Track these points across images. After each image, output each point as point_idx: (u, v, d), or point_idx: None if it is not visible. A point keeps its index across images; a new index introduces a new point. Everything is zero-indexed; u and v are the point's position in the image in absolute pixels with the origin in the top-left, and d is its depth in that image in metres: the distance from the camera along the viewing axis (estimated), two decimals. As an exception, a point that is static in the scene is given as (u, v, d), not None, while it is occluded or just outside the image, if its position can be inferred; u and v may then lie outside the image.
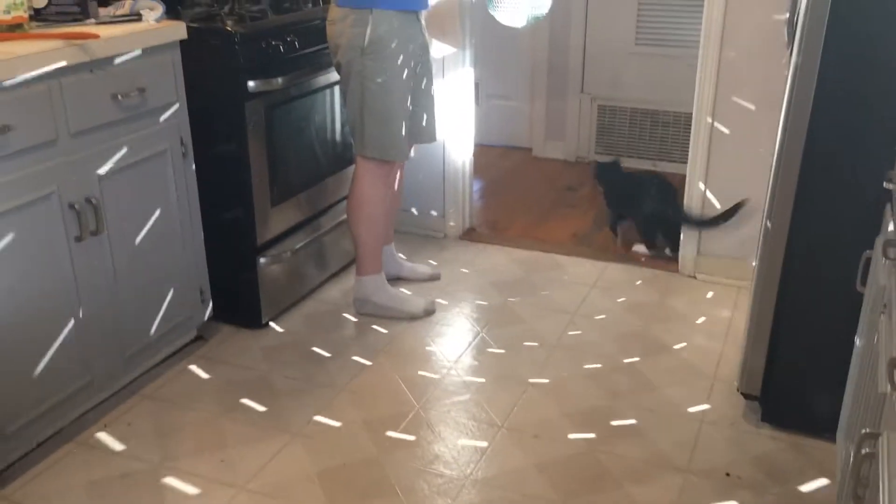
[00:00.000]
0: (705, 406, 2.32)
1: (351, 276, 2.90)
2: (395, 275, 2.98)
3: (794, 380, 2.11)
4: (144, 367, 2.42)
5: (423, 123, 2.72)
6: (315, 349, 2.61)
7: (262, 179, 2.56)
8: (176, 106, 2.31)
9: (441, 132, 3.18)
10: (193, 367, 2.50)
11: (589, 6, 4.13)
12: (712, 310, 2.85)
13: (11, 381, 1.95)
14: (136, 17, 2.24)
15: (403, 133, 2.56)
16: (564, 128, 4.35)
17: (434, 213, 3.41)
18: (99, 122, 2.07)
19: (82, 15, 2.19)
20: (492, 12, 2.43)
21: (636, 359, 2.55)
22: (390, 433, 2.20)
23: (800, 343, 2.07)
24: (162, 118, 2.27)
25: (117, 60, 2.09)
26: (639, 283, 3.05)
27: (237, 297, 2.66)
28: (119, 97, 2.10)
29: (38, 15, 2.18)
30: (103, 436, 2.18)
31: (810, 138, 1.90)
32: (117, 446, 2.15)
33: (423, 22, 2.58)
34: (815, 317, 2.03)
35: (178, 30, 2.26)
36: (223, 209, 2.55)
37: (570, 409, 2.30)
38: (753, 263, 2.17)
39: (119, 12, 2.27)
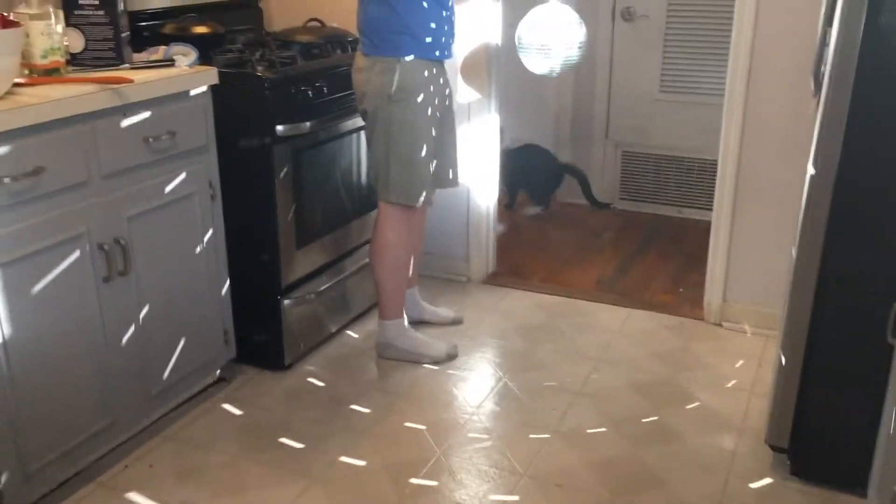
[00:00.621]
0: (732, 458, 2.27)
1: (374, 319, 2.90)
2: (417, 318, 2.97)
3: (824, 432, 2.07)
4: (167, 407, 2.42)
5: (446, 169, 2.74)
6: (337, 392, 2.60)
7: (287, 222, 2.58)
8: (206, 149, 2.34)
9: (465, 176, 3.21)
10: (215, 409, 2.50)
11: (614, 53, 4.17)
12: (738, 359, 2.81)
13: (35, 420, 1.95)
14: (169, 62, 2.29)
15: (427, 179, 2.59)
16: (589, 173, 4.36)
17: (458, 257, 3.41)
18: (130, 164, 2.11)
19: (117, 60, 2.24)
20: (524, 60, 2.46)
21: (661, 408, 2.52)
22: (412, 480, 2.17)
23: (829, 394, 2.03)
24: (191, 161, 2.30)
25: (149, 104, 2.13)
26: (664, 330, 3.02)
27: (260, 339, 2.67)
28: (150, 140, 2.14)
29: (74, 60, 2.23)
30: (124, 477, 2.18)
31: (839, 186, 1.88)
32: (138, 488, 2.14)
33: (447, 69, 2.62)
34: (844, 368, 1.99)
35: (209, 75, 2.30)
36: (248, 250, 2.57)
37: (593, 458, 2.27)
38: (780, 312, 2.15)
39: (153, 58, 2.33)
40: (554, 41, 2.40)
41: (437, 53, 2.53)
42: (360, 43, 2.54)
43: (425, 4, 2.44)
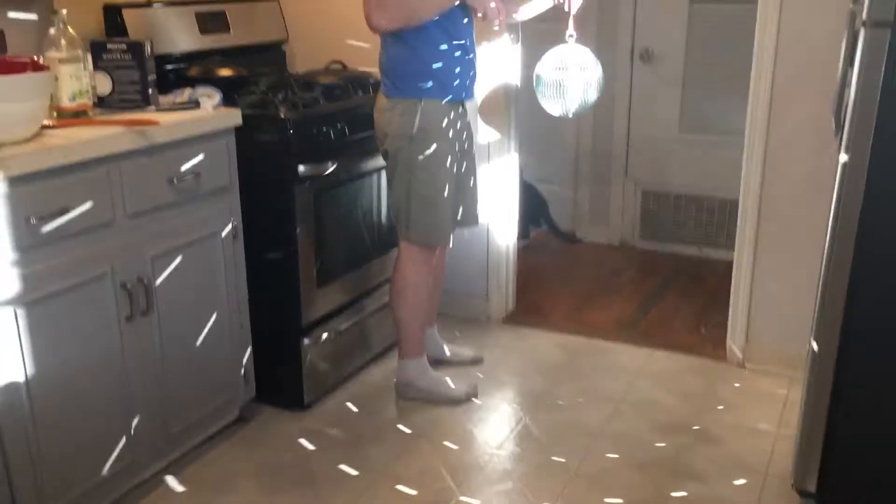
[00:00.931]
0: (757, 502, 2.23)
1: (393, 359, 2.89)
2: (437, 357, 2.96)
3: (853, 476, 2.03)
4: (185, 447, 2.41)
5: (466, 208, 2.75)
6: (356, 432, 2.59)
7: (308, 261, 2.60)
8: (229, 189, 2.37)
9: (485, 215, 3.22)
10: (234, 449, 2.49)
11: (633, 94, 4.19)
12: (763, 400, 2.77)
13: (55, 458, 1.96)
14: (194, 104, 2.33)
15: (447, 219, 2.59)
16: (608, 212, 4.36)
17: (477, 295, 3.41)
18: (154, 204, 2.13)
19: (144, 102, 2.28)
20: (541, 102, 2.48)
21: (684, 450, 2.48)
22: (431, 522, 2.15)
23: (858, 437, 1.99)
24: (215, 201, 2.32)
25: (175, 146, 2.16)
26: (686, 371, 2.99)
27: (280, 378, 2.67)
28: (175, 181, 2.16)
29: (101, 102, 2.27)
30: (143, 517, 2.17)
31: (862, 227, 1.87)
32: (156, 528, 2.13)
33: (468, 110, 2.64)
34: (873, 410, 1.96)
35: (233, 117, 2.34)
36: (269, 289, 2.58)
37: (615, 501, 2.23)
38: (805, 352, 2.12)
39: (179, 100, 2.37)
40: (570, 82, 2.42)
41: (458, 95, 2.55)
42: (382, 84, 2.57)
43: (445, 47, 2.47)
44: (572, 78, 2.41)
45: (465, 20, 2.53)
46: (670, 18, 4.00)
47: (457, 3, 2.44)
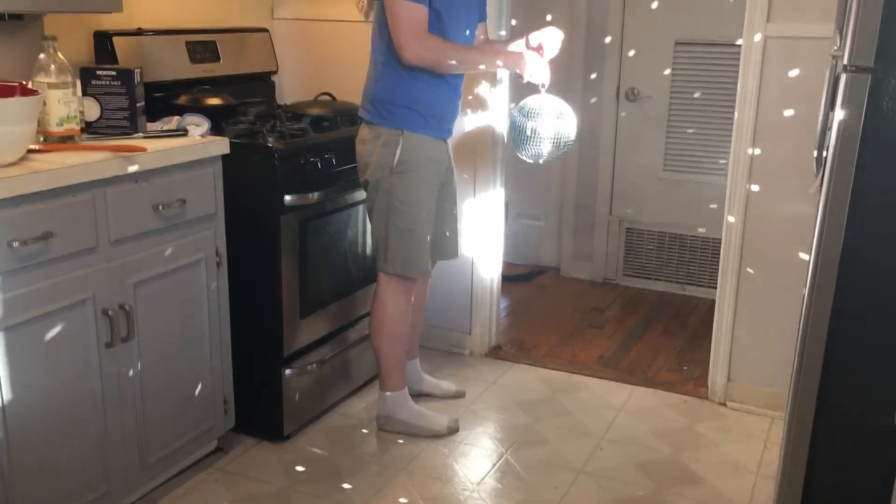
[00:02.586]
0: (738, 542, 2.22)
1: (375, 391, 2.87)
2: (419, 391, 2.95)
3: (832, 518, 2.02)
4: (162, 478, 2.38)
5: (446, 241, 2.77)
6: (336, 465, 2.56)
7: (292, 291, 2.59)
8: (214, 217, 2.37)
9: (469, 250, 3.23)
10: (211, 480, 2.45)
11: (618, 132, 4.24)
12: (743, 440, 2.77)
13: (29, 486, 1.92)
14: (182, 132, 2.33)
15: (426, 251, 2.60)
16: (592, 249, 4.38)
17: (460, 329, 3.40)
18: (139, 230, 2.12)
19: (131, 129, 2.28)
20: (515, 149, 2.57)
21: (665, 488, 2.47)
22: (409, 558, 2.12)
23: (838, 478, 1.99)
24: (200, 228, 2.32)
25: (161, 173, 2.16)
26: (667, 408, 2.99)
27: (259, 409, 2.64)
28: (160, 207, 2.16)
29: (89, 128, 2.27)
30: (116, 548, 2.13)
31: (843, 268, 1.88)
32: (129, 560, 2.09)
33: (449, 145, 2.67)
34: (853, 451, 1.96)
35: (221, 145, 2.34)
36: (252, 318, 2.56)
37: (596, 539, 2.22)
38: (786, 393, 2.13)
39: (166, 127, 2.37)
40: (542, 130, 2.51)
41: (440, 134, 2.59)
42: (363, 110, 2.58)
43: (441, 88, 2.51)
44: (544, 126, 2.50)
45: None
46: (656, 59, 4.06)
47: (499, 66, 2.53)
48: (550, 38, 2.57)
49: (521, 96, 2.59)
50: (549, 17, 3.86)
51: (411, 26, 2.36)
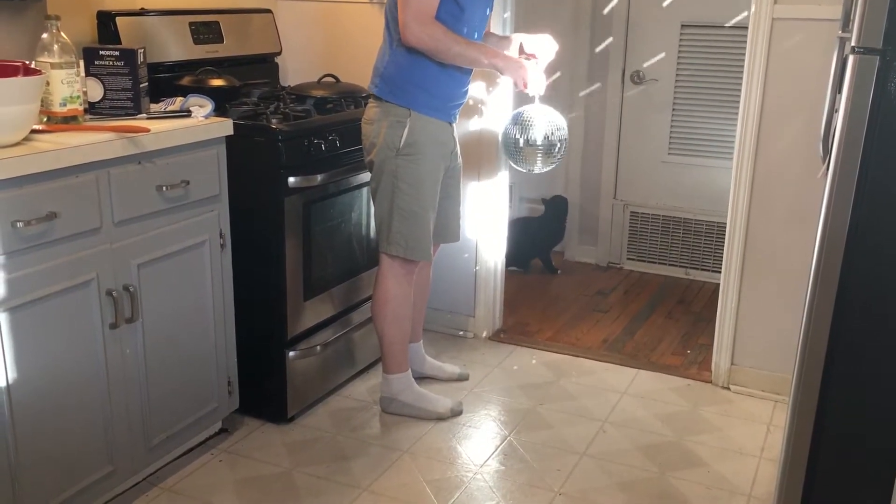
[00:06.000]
0: (740, 525, 2.23)
1: (378, 373, 2.87)
2: (422, 373, 2.95)
3: (836, 503, 2.02)
4: (167, 458, 2.39)
5: (448, 224, 2.76)
6: (339, 447, 2.57)
7: (296, 273, 2.59)
8: (218, 199, 2.36)
9: (473, 233, 3.23)
10: (216, 461, 2.46)
11: (623, 115, 4.22)
12: (747, 424, 2.77)
13: (34, 467, 1.93)
14: (186, 113, 2.33)
15: (429, 233, 2.60)
16: (597, 233, 4.37)
17: (464, 312, 3.40)
18: (142, 211, 2.12)
19: (135, 110, 2.27)
20: (508, 159, 2.60)
21: (667, 471, 2.48)
22: (412, 539, 2.13)
23: (841, 463, 1.99)
24: (203, 210, 2.32)
25: (165, 154, 2.15)
26: (671, 392, 2.99)
27: (264, 390, 2.65)
28: (164, 188, 2.16)
29: (92, 108, 2.26)
30: (121, 528, 2.15)
31: (848, 253, 1.87)
32: (134, 540, 2.11)
33: (455, 129, 2.66)
34: (856, 436, 1.96)
35: (225, 126, 2.33)
36: (256, 301, 2.57)
37: (598, 521, 2.23)
38: (791, 377, 2.12)
39: (170, 108, 2.36)
40: (536, 142, 2.54)
41: (447, 118, 2.58)
42: (372, 85, 2.56)
43: (453, 73, 2.50)
44: (538, 138, 2.52)
45: None
46: (662, 42, 4.03)
47: (501, 75, 2.57)
48: (545, 47, 2.58)
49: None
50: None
51: (420, 10, 2.35)
